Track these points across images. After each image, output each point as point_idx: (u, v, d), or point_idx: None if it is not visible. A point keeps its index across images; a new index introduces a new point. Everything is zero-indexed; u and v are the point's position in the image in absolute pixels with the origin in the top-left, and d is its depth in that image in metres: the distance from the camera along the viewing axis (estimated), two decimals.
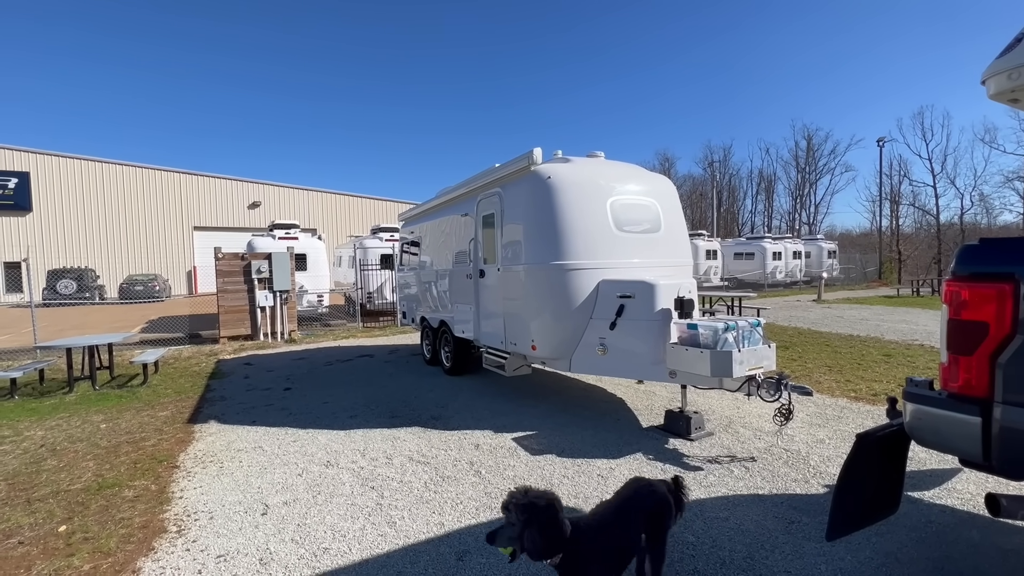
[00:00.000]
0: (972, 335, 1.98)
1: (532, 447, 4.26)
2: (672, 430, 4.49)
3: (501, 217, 5.50)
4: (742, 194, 52.77)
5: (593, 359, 4.78)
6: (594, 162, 5.46)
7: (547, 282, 4.87)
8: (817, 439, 4.25)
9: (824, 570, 2.49)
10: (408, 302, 9.17)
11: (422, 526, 3.04)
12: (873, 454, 2.37)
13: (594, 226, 4.88)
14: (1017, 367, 1.88)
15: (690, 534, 2.84)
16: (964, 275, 2.03)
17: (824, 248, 28.55)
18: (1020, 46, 1.98)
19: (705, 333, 3.99)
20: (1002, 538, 2.72)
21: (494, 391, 6.10)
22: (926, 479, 3.40)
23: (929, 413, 2.14)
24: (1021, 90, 2.09)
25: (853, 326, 10.93)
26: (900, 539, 2.73)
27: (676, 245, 5.43)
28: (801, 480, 3.50)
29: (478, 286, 6.09)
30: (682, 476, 2.62)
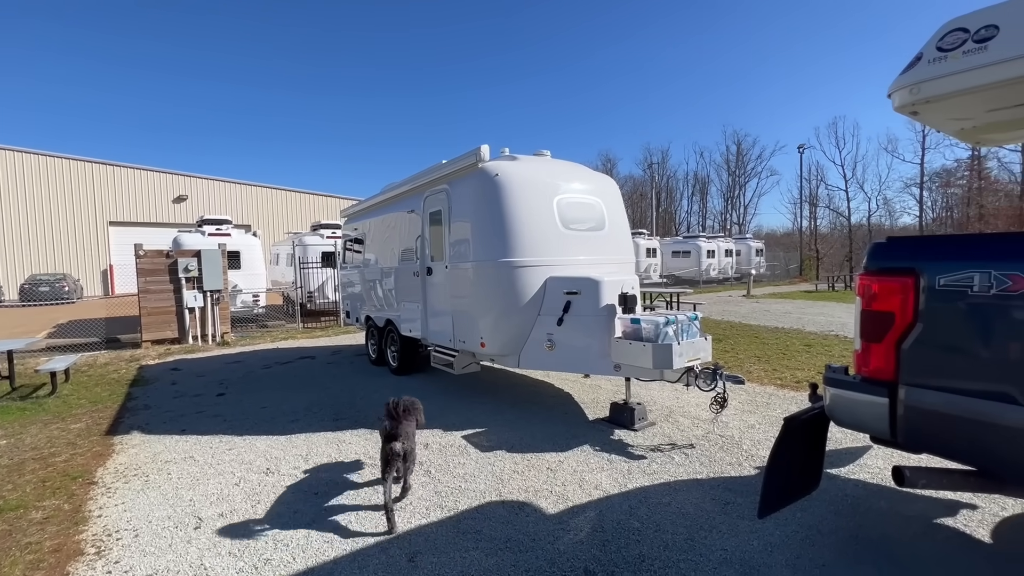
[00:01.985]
0: (881, 324, 2.19)
1: (482, 444, 4.26)
2: (617, 421, 4.64)
3: (449, 214, 5.45)
4: (679, 195, 55.37)
5: (541, 355, 4.85)
6: (541, 161, 5.53)
7: (496, 279, 4.88)
8: (748, 425, 4.55)
9: (756, 546, 2.67)
10: (352, 301, 8.89)
11: (371, 530, 2.97)
12: (798, 436, 2.57)
13: (541, 224, 4.95)
14: (917, 352, 2.10)
15: (636, 520, 2.96)
16: (874, 270, 2.24)
17: (752, 247, 30.54)
18: (920, 64, 2.21)
19: (647, 327, 4.16)
20: (905, 506, 3.04)
21: (443, 389, 6.05)
22: (841, 457, 3.73)
23: (845, 396, 2.35)
24: (921, 104, 2.33)
25: (778, 319, 11.76)
26: (821, 512, 2.98)
27: (620, 243, 5.61)
28: (735, 464, 3.73)
29: (425, 284, 6.01)
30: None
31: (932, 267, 2.05)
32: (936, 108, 2.36)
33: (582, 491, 3.35)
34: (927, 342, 2.08)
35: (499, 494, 3.36)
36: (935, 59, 2.15)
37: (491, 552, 2.70)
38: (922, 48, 2.21)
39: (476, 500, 3.29)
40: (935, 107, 2.35)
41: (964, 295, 1.97)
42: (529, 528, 2.92)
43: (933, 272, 2.05)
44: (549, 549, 2.70)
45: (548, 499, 3.26)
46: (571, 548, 2.70)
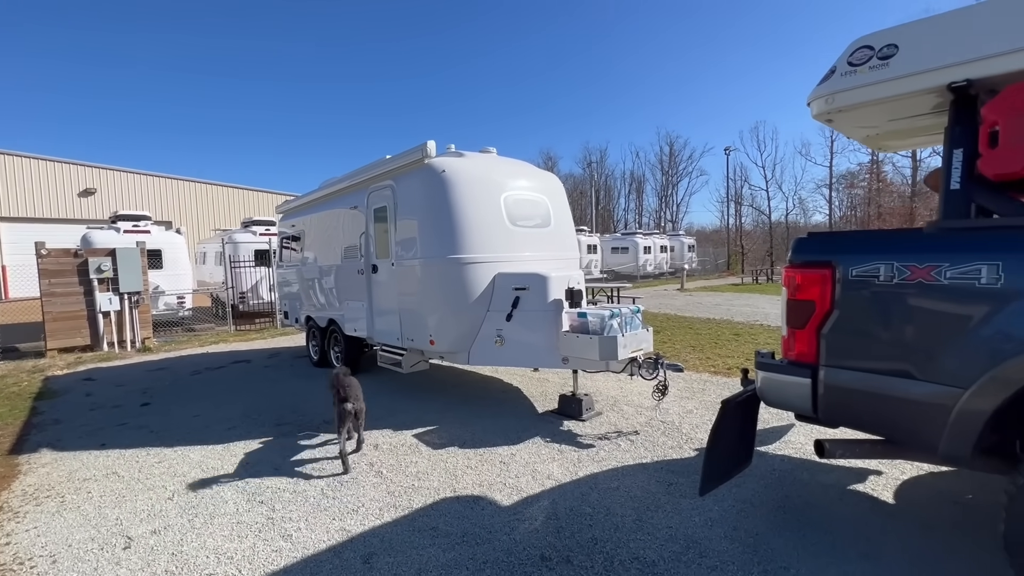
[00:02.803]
0: (804, 312, 2.42)
1: (434, 442, 4.25)
2: (566, 413, 4.78)
3: (394, 211, 5.35)
4: (617, 193, 57.27)
5: (491, 350, 4.89)
6: (487, 158, 5.55)
7: (444, 276, 4.86)
8: (687, 410, 4.83)
9: (698, 521, 2.86)
10: (290, 301, 8.50)
11: (322, 534, 2.89)
12: (734, 417, 2.78)
13: (489, 221, 4.98)
14: (835, 336, 2.34)
15: (587, 506, 3.08)
16: (798, 263, 2.46)
17: (685, 243, 32.20)
18: (834, 77, 2.45)
19: (594, 321, 4.31)
20: (823, 476, 3.37)
21: (391, 389, 5.94)
22: (769, 436, 4.06)
23: (774, 379, 2.57)
24: (835, 112, 2.58)
25: (709, 311, 12.52)
26: (753, 487, 3.23)
27: (565, 239, 5.75)
28: (676, 447, 3.96)
29: (371, 282, 5.87)
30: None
31: (846, 259, 2.29)
32: (847, 117, 2.63)
33: (535, 482, 3.43)
34: (842, 327, 2.32)
35: (453, 490, 3.37)
36: (846, 72, 2.39)
37: (448, 547, 2.71)
38: (836, 62, 2.45)
39: (430, 497, 3.28)
40: (846, 116, 2.61)
41: (872, 284, 2.21)
42: (485, 521, 2.96)
43: (847, 264, 2.29)
44: (505, 540, 2.75)
45: (502, 492, 3.31)
46: (527, 537, 2.77)
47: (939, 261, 2.03)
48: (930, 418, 2.06)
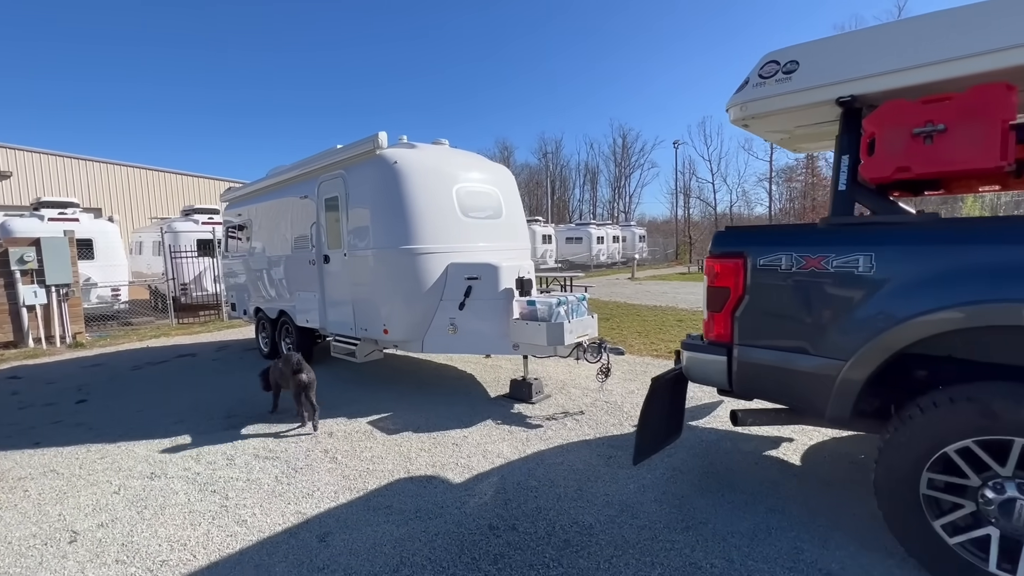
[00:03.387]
0: (721, 297, 2.72)
1: (388, 428, 4.37)
2: (516, 396, 5.01)
3: (346, 201, 5.36)
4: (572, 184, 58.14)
5: (444, 339, 5.04)
6: (439, 149, 5.64)
7: (397, 266, 4.95)
8: (629, 390, 5.18)
9: (632, 488, 3.15)
10: (238, 293, 8.27)
11: (277, 518, 2.97)
12: (663, 392, 3.07)
13: (442, 211, 5.09)
14: (745, 318, 2.65)
15: (534, 480, 3.31)
16: (716, 254, 2.75)
17: (636, 233, 33.25)
18: (747, 87, 2.74)
19: (542, 308, 4.54)
20: (743, 444, 3.75)
21: (346, 379, 5.97)
22: (699, 412, 4.44)
23: (696, 357, 2.87)
24: (749, 118, 2.87)
25: (657, 298, 13.13)
26: (682, 456, 3.57)
27: (516, 230, 5.94)
28: (617, 424, 4.27)
29: (323, 272, 5.85)
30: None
31: (755, 251, 2.59)
32: (760, 122, 2.94)
33: (485, 460, 3.64)
34: (752, 310, 2.63)
35: (407, 471, 3.52)
36: (757, 84, 2.68)
37: (401, 523, 2.87)
38: (749, 74, 2.73)
39: (385, 479, 3.42)
40: (759, 122, 2.92)
41: (775, 272, 2.53)
42: (437, 498, 3.13)
43: (756, 255, 2.59)
44: (456, 513, 2.94)
45: (454, 471, 3.50)
46: (476, 510, 2.97)
47: (827, 252, 2.36)
48: (820, 387, 2.40)
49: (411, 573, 2.42)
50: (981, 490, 2.04)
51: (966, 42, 2.11)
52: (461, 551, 2.57)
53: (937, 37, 2.20)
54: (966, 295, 1.98)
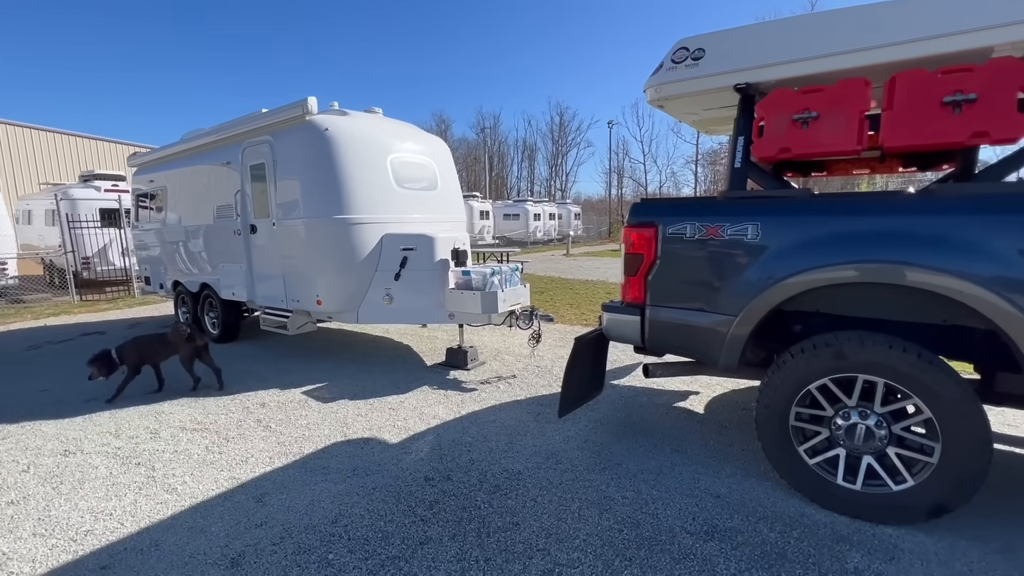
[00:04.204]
0: (635, 263, 3.01)
1: (323, 396, 4.39)
2: (452, 364, 5.18)
3: (274, 168, 5.17)
4: (510, 160, 58.11)
5: (380, 309, 5.08)
6: (373, 118, 5.55)
7: (331, 236, 4.89)
8: (559, 355, 5.51)
9: (558, 439, 3.45)
10: (152, 265, 7.73)
11: (210, 484, 2.98)
12: (585, 351, 3.36)
13: (376, 181, 5.06)
14: (657, 282, 2.95)
15: (468, 436, 3.52)
16: (632, 224, 3.03)
17: (572, 211, 34.05)
18: (661, 71, 2.99)
19: (476, 278, 4.71)
20: (656, 398, 4.18)
21: (277, 352, 5.86)
22: (620, 372, 4.85)
23: (614, 318, 3.17)
24: (664, 100, 3.14)
25: (589, 273, 13.71)
26: (604, 410, 3.92)
27: (451, 202, 6.01)
28: (547, 385, 4.57)
29: (250, 243, 5.64)
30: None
31: (665, 221, 2.89)
32: (673, 104, 3.22)
33: (422, 422, 3.80)
34: (662, 274, 2.94)
35: (344, 435, 3.61)
36: (670, 68, 2.93)
37: (339, 481, 2.98)
38: (663, 58, 2.98)
39: (321, 443, 3.49)
40: (673, 103, 3.20)
41: (682, 240, 2.84)
42: (374, 457, 3.26)
43: (665, 224, 2.89)
44: (393, 469, 3.09)
45: (391, 432, 3.63)
46: (413, 465, 3.14)
47: (724, 222, 2.69)
48: (715, 340, 2.76)
49: (350, 523, 2.55)
50: (834, 419, 2.48)
51: (835, 42, 2.47)
52: (398, 500, 2.74)
53: (814, 36, 2.54)
54: (825, 258, 2.38)
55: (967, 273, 2.13)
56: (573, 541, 2.36)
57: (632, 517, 2.54)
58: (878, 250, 2.31)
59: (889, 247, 2.29)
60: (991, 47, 2.24)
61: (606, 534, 2.40)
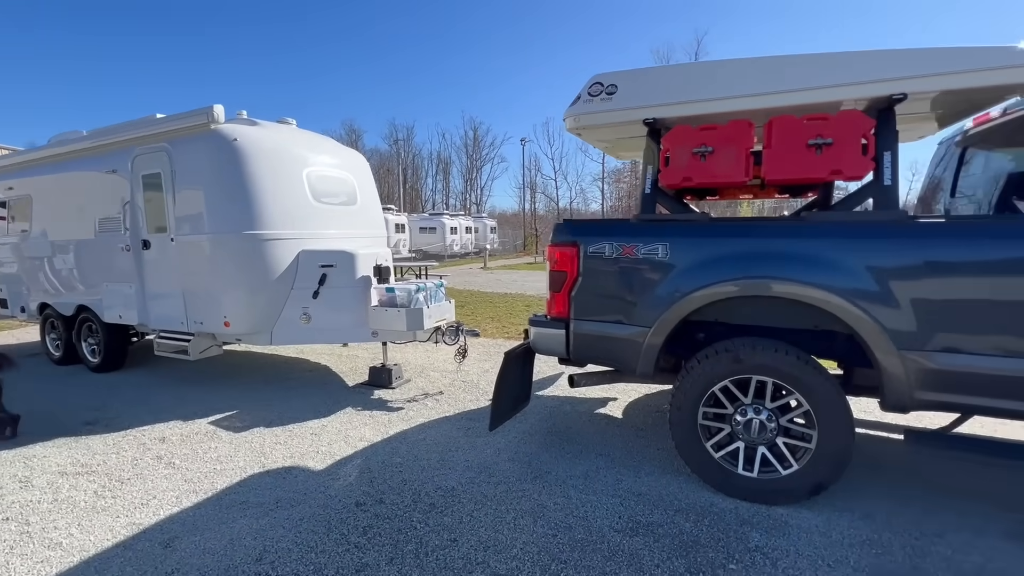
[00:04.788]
0: (559, 280, 3.20)
1: (235, 426, 4.08)
2: (376, 383, 5.05)
3: (172, 179, 4.75)
4: (424, 173, 57.63)
5: (297, 329, 4.84)
6: (287, 129, 5.31)
7: (241, 253, 4.58)
8: (484, 369, 5.59)
9: (489, 452, 3.52)
10: (9, 285, 6.65)
11: (104, 534, 2.65)
12: (514, 364, 3.48)
13: (291, 195, 4.84)
14: (580, 297, 3.16)
15: (398, 457, 3.47)
16: (556, 243, 3.22)
17: (488, 225, 34.55)
18: (579, 102, 3.23)
19: (401, 295, 4.66)
20: (579, 406, 4.41)
21: (175, 380, 5.31)
22: (543, 383, 5.04)
23: (540, 331, 3.33)
24: (581, 128, 3.39)
25: (508, 287, 13.99)
26: (531, 421, 4.06)
27: (372, 217, 5.90)
28: (475, 400, 4.63)
29: (141, 260, 5.10)
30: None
31: (585, 240, 3.11)
32: (590, 132, 3.49)
33: (348, 445, 3.67)
34: (584, 290, 3.16)
35: (262, 466, 3.39)
36: (587, 100, 3.19)
37: (260, 515, 2.80)
38: (580, 91, 3.23)
39: (237, 476, 3.24)
40: (589, 132, 3.47)
41: (601, 258, 3.07)
42: (299, 486, 3.10)
43: (586, 244, 3.11)
44: (321, 497, 2.97)
45: (315, 459, 3.47)
46: (342, 491, 3.03)
47: (637, 242, 2.96)
48: (633, 350, 3.01)
49: (277, 559, 2.42)
50: (733, 415, 2.82)
51: (725, 88, 2.85)
52: (329, 530, 2.64)
53: (708, 81, 2.92)
54: (717, 275, 2.73)
55: (828, 285, 2.55)
56: (511, 551, 2.44)
57: (564, 521, 2.67)
58: (753, 268, 2.70)
59: (763, 265, 2.69)
60: (840, 101, 2.74)
61: (542, 540, 2.51)
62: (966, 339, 2.38)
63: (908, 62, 2.52)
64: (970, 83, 2.46)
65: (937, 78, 2.48)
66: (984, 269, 2.35)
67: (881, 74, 2.55)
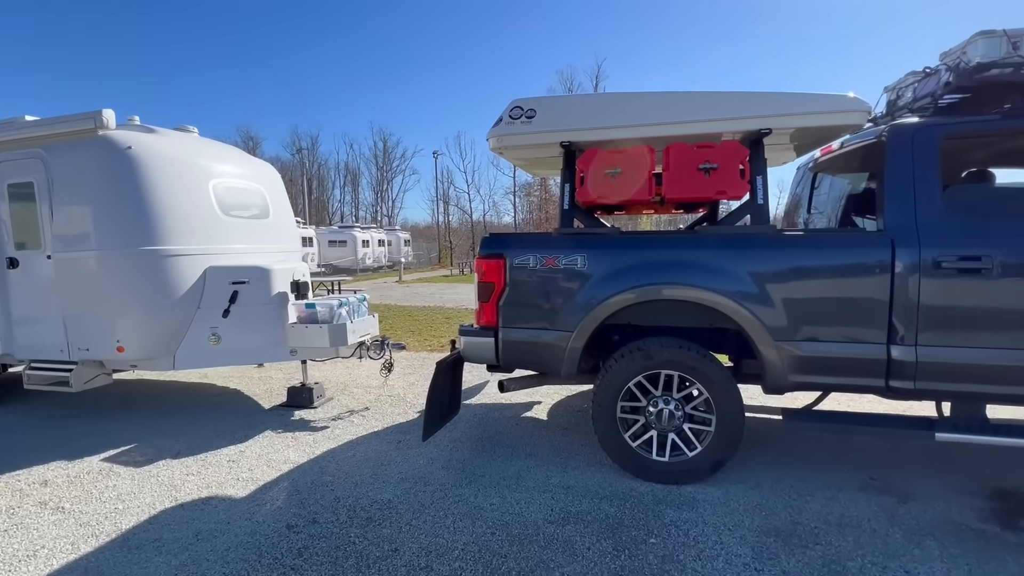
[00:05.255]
0: (487, 291, 3.36)
1: (136, 460, 3.71)
2: (296, 404, 4.84)
3: (49, 190, 4.23)
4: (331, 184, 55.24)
5: (204, 351, 4.51)
6: (189, 138, 4.97)
7: (138, 271, 4.19)
8: (410, 383, 5.58)
9: (422, 462, 3.56)
10: None
11: None
12: (445, 374, 3.57)
13: (197, 208, 4.53)
14: (507, 306, 3.35)
15: (328, 476, 3.39)
16: (483, 255, 3.39)
17: (401, 237, 33.97)
18: (501, 124, 3.45)
19: (323, 310, 4.55)
20: (507, 411, 4.59)
21: (54, 416, 4.67)
22: (472, 391, 5.16)
23: (471, 340, 3.47)
24: (504, 148, 3.62)
25: (426, 299, 13.90)
26: (462, 428, 4.16)
27: (286, 231, 5.67)
28: (402, 413, 4.62)
29: (6, 280, 4.46)
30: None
31: (511, 253, 3.32)
32: (511, 152, 3.73)
33: (272, 469, 3.51)
34: (511, 300, 3.35)
35: (174, 500, 3.14)
36: (508, 122, 3.41)
37: (178, 551, 2.61)
38: (502, 113, 3.45)
39: (145, 514, 2.98)
40: (510, 151, 3.70)
41: (526, 269, 3.29)
42: (220, 516, 2.93)
43: (512, 256, 3.32)
44: (247, 524, 2.83)
45: (236, 486, 3.28)
46: (270, 516, 2.91)
47: (558, 254, 3.23)
48: (557, 354, 3.26)
49: None
50: (647, 407, 3.16)
51: (629, 118, 3.23)
52: (260, 556, 2.54)
53: (615, 110, 3.29)
54: (625, 283, 3.07)
55: (719, 289, 2.98)
56: (452, 552, 2.53)
57: (501, 520, 2.81)
58: (653, 275, 3.08)
59: (663, 273, 3.08)
60: (721, 133, 3.22)
61: (481, 539, 2.63)
62: (822, 330, 2.91)
63: (771, 104, 3.05)
64: (814, 123, 3.06)
65: (791, 117, 3.04)
66: (830, 272, 2.91)
67: (752, 112, 3.07)
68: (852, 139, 3.45)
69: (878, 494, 3.00)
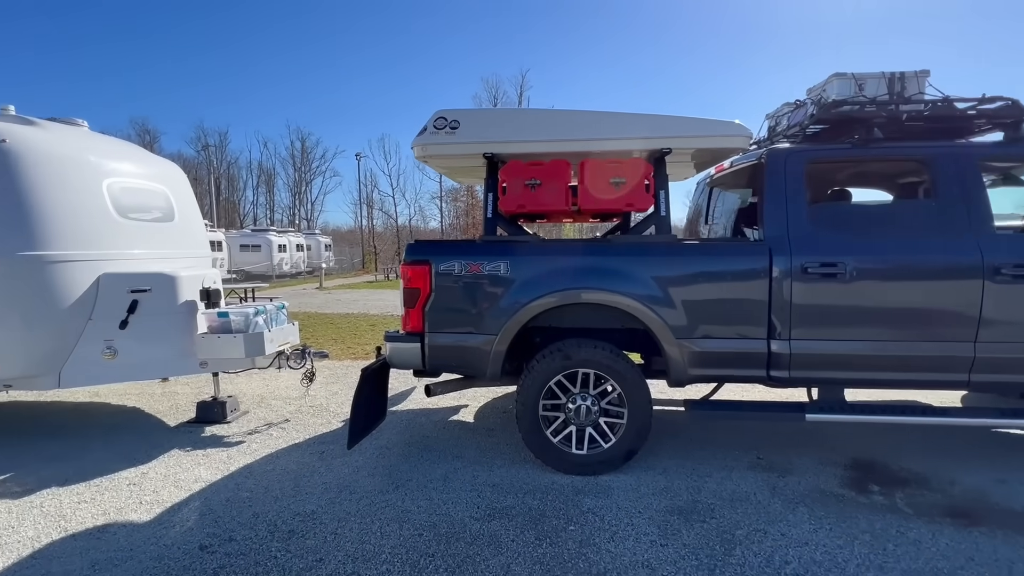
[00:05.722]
0: (413, 296, 3.42)
1: (12, 491, 3.31)
2: (207, 419, 4.54)
3: None
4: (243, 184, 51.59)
5: (97, 367, 4.11)
6: (78, 132, 4.51)
7: (13, 279, 3.74)
8: (333, 392, 5.44)
9: (347, 472, 3.52)
10: None
11: None
12: (370, 381, 3.57)
13: (87, 210, 4.13)
14: (433, 312, 3.42)
15: (245, 492, 3.24)
16: (409, 261, 3.44)
17: (322, 242, 32.50)
18: (425, 133, 3.52)
19: (237, 319, 4.32)
20: (434, 416, 4.63)
21: None
22: (398, 398, 5.14)
23: (397, 346, 3.50)
24: (428, 157, 3.69)
25: (348, 306, 13.47)
26: (388, 435, 4.15)
27: (194, 236, 5.30)
28: (326, 423, 4.50)
29: None
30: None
31: (437, 259, 3.40)
32: (435, 161, 3.81)
33: (180, 490, 3.30)
34: (437, 305, 3.43)
35: (63, 530, 2.85)
36: (433, 132, 3.49)
37: None
38: (426, 123, 3.53)
39: (28, 548, 2.69)
40: (434, 160, 3.79)
41: (451, 275, 3.39)
42: (121, 543, 2.72)
43: (438, 262, 3.40)
44: (153, 549, 2.65)
45: (139, 510, 3.05)
46: (181, 537, 2.75)
47: (482, 260, 3.36)
48: (482, 357, 3.38)
49: None
50: (566, 404, 3.36)
51: (548, 133, 3.45)
52: None
53: (535, 126, 3.49)
54: (545, 288, 3.27)
55: (629, 292, 3.27)
56: (380, 556, 2.55)
57: (428, 521, 2.87)
58: (571, 280, 3.31)
59: (580, 278, 3.31)
60: (629, 150, 3.54)
61: (409, 542, 2.67)
62: (715, 328, 3.28)
63: (671, 126, 3.40)
64: (705, 144, 3.45)
65: (686, 139, 3.42)
66: (720, 277, 3.30)
67: (654, 133, 3.40)
68: (740, 159, 3.92)
69: (764, 471, 3.42)
